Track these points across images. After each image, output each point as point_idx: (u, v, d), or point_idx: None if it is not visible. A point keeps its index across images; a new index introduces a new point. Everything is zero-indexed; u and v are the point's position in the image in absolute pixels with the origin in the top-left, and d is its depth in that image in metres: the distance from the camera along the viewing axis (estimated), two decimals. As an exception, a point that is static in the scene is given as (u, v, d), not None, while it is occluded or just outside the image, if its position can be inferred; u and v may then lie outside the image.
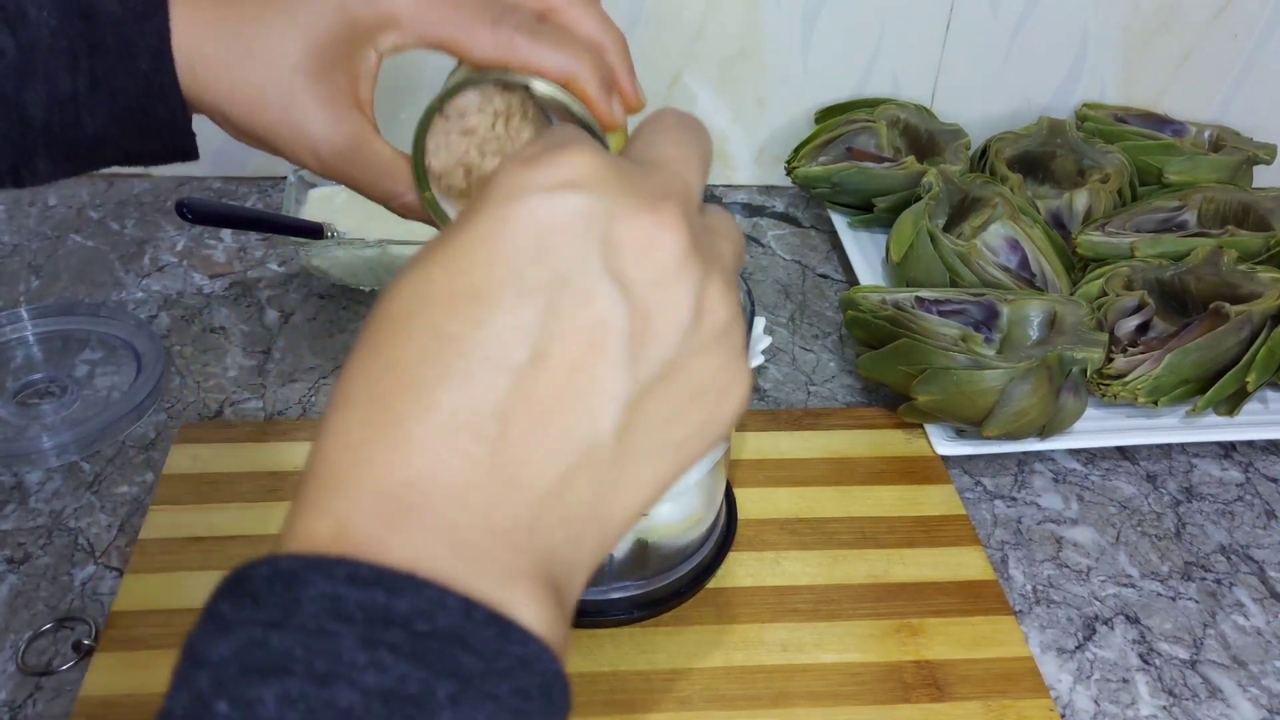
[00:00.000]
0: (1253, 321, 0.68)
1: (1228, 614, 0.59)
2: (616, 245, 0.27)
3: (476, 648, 0.24)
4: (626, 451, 0.27)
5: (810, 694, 0.53)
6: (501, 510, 0.26)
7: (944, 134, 0.88)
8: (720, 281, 0.29)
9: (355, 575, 0.24)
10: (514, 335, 0.26)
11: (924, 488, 0.65)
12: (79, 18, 0.45)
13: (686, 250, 0.28)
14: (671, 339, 0.27)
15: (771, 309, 0.81)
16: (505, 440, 0.26)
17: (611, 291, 0.27)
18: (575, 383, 0.26)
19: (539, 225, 0.27)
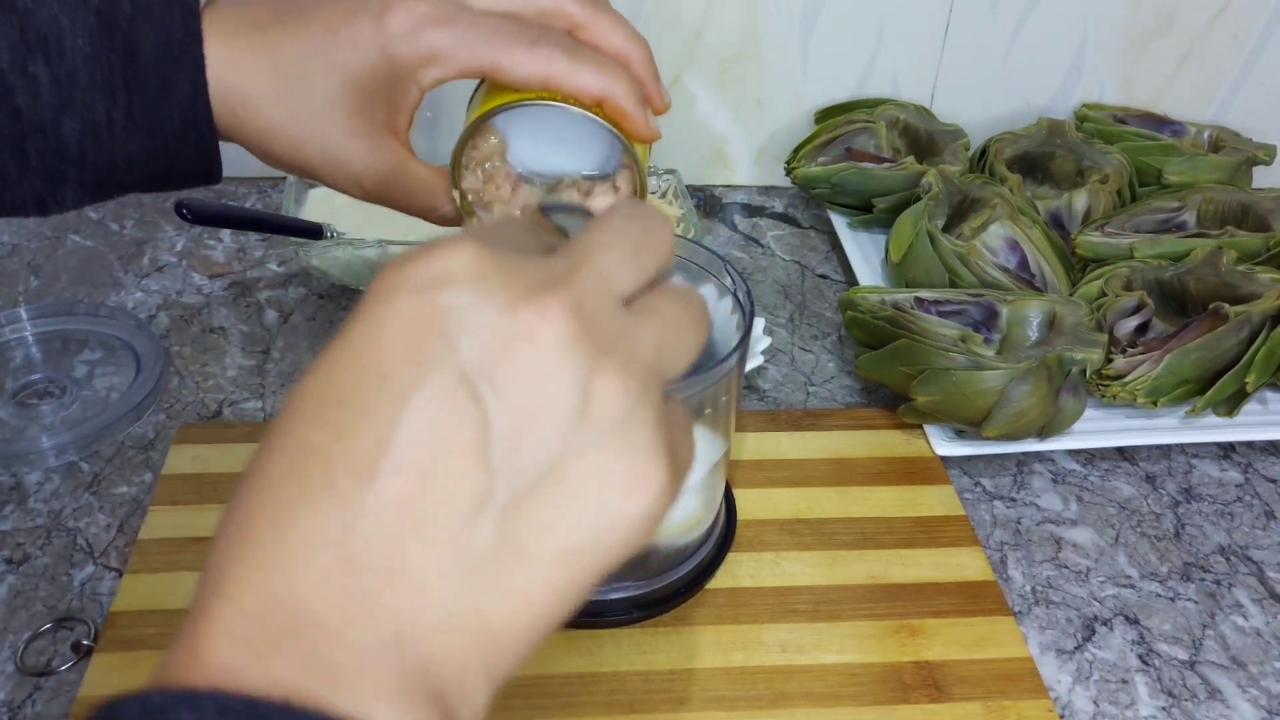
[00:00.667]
0: (1252, 322, 0.68)
1: (1227, 615, 0.59)
2: (484, 341, 0.26)
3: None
4: (506, 560, 0.25)
5: (809, 695, 0.53)
6: (362, 627, 0.24)
7: (943, 134, 0.88)
8: (616, 371, 0.26)
9: (226, 708, 0.22)
10: (374, 444, 0.25)
11: (923, 488, 0.65)
12: (118, 51, 0.45)
13: (567, 340, 0.26)
14: (546, 436, 0.26)
15: (771, 309, 0.81)
16: (365, 554, 0.25)
17: (473, 390, 0.25)
18: (438, 490, 0.25)
19: (405, 325, 0.26)
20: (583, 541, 0.26)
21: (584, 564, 0.26)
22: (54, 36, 0.44)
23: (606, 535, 0.26)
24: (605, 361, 0.26)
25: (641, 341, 0.28)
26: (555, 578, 0.26)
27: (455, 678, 0.25)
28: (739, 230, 0.90)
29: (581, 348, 0.26)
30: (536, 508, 0.26)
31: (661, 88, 0.48)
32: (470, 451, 0.25)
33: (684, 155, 0.93)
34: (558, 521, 0.26)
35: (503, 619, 0.26)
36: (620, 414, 0.26)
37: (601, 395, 0.26)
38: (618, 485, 0.26)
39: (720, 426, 0.54)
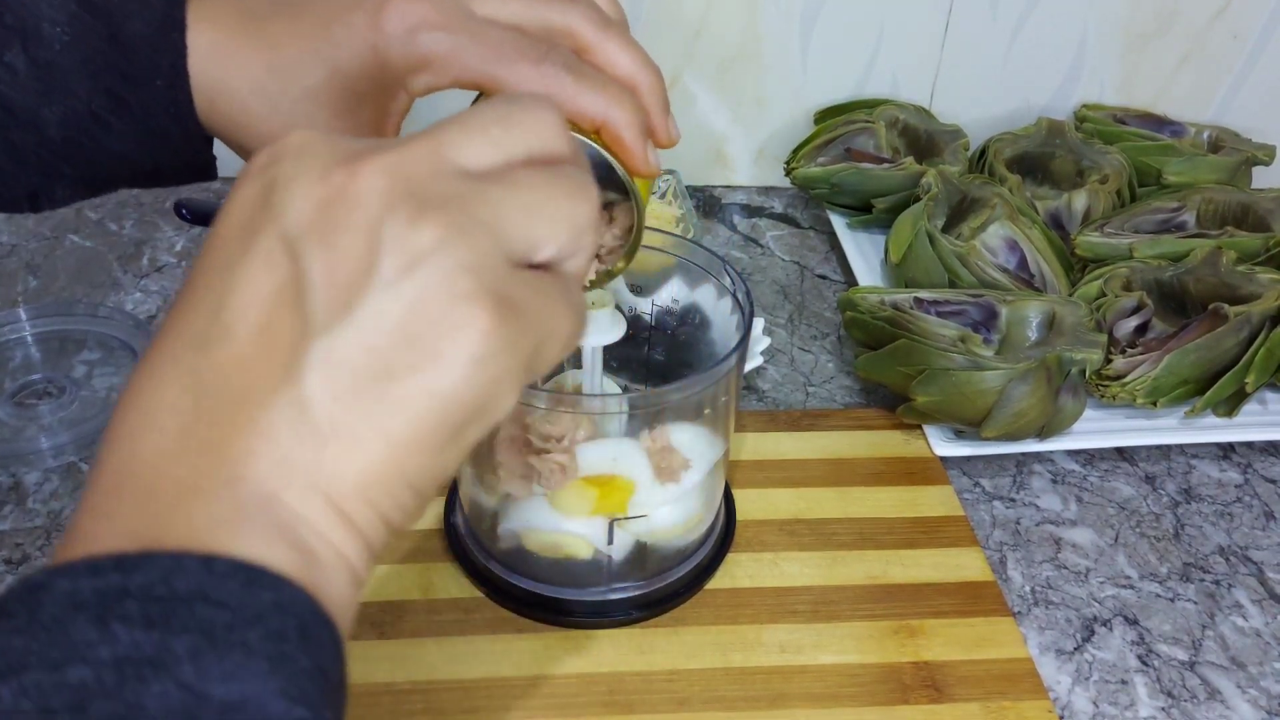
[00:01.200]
0: (1251, 322, 0.68)
1: (1226, 615, 0.59)
2: (300, 204, 0.27)
3: (220, 600, 0.24)
4: (332, 404, 0.27)
5: (809, 695, 0.53)
6: (200, 472, 0.26)
7: (943, 135, 0.88)
8: (435, 222, 0.27)
9: (94, 567, 0.24)
10: (207, 314, 0.27)
11: (923, 489, 0.65)
12: (100, 38, 0.44)
13: (379, 197, 0.27)
14: (362, 284, 0.27)
15: (770, 310, 0.81)
16: (200, 409, 0.27)
17: (291, 249, 0.27)
18: (264, 345, 0.27)
19: (243, 203, 0.28)
20: (407, 387, 0.27)
21: (415, 408, 0.27)
22: (33, 22, 0.43)
23: (432, 378, 0.27)
24: (423, 213, 0.27)
25: (480, 202, 0.28)
26: (391, 425, 0.27)
27: (298, 515, 0.27)
28: (738, 230, 0.90)
29: (395, 202, 0.27)
30: (358, 353, 0.27)
31: (670, 120, 0.46)
32: (288, 306, 0.27)
33: (683, 155, 0.93)
34: (377, 365, 0.27)
35: (337, 459, 0.27)
36: (437, 261, 0.27)
37: (416, 244, 0.27)
38: (436, 328, 0.27)
39: (719, 427, 0.54)
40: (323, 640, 0.26)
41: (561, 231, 0.30)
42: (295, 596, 0.25)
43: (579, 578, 0.55)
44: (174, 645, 0.23)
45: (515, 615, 0.56)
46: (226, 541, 0.25)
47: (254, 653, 0.24)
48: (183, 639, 0.24)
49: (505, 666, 0.53)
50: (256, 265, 0.27)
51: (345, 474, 0.27)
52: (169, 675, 0.23)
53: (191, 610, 0.24)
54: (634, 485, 0.52)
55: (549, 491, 0.52)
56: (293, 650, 0.25)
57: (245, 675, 0.24)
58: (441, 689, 0.52)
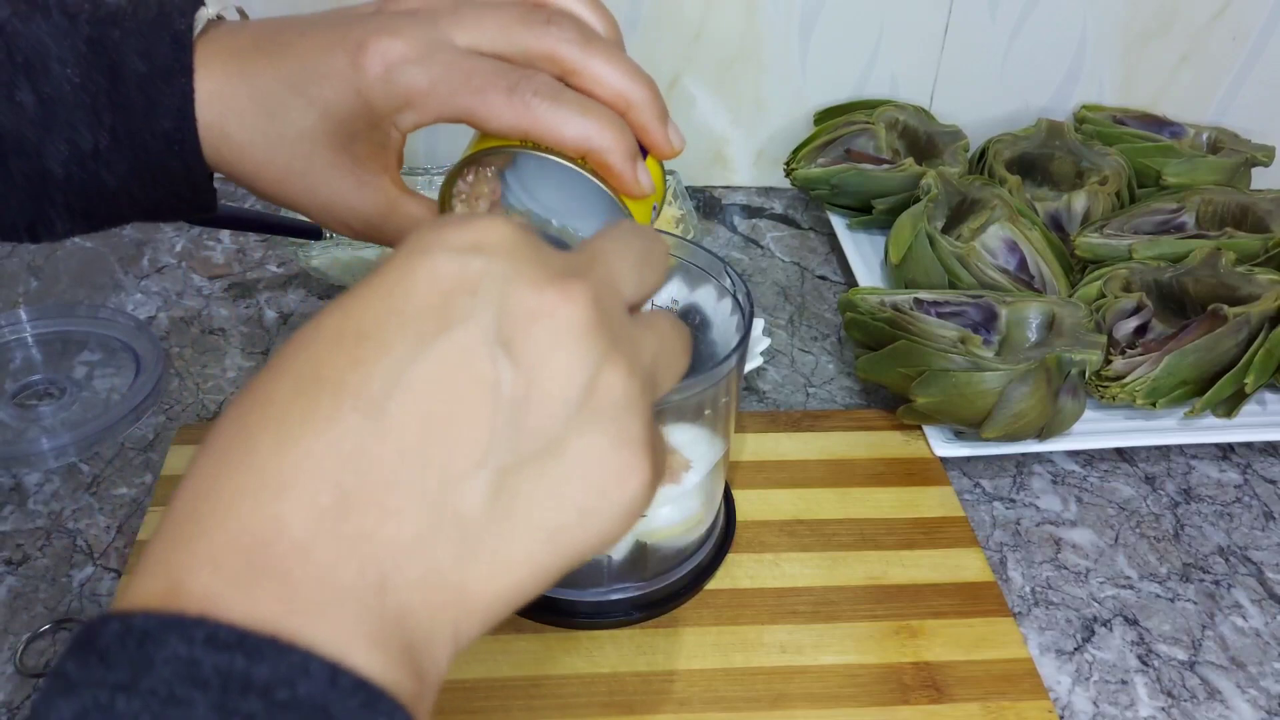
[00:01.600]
0: (1251, 323, 0.68)
1: (1226, 615, 0.59)
2: (511, 310, 0.26)
3: (341, 717, 0.23)
4: (493, 524, 0.26)
5: (809, 695, 0.53)
6: (348, 567, 0.24)
7: (942, 136, 0.88)
8: (623, 365, 0.28)
9: (214, 637, 0.22)
10: (387, 380, 0.25)
11: (923, 489, 0.65)
12: (104, 74, 0.45)
13: (586, 326, 0.27)
14: (552, 411, 0.26)
15: (770, 311, 0.81)
16: (361, 491, 0.25)
17: (493, 353, 0.26)
18: (442, 440, 0.25)
19: (438, 280, 0.27)
20: (568, 520, 0.27)
21: (565, 543, 0.27)
22: (40, 60, 0.44)
23: (591, 518, 0.27)
24: (615, 353, 0.27)
25: (642, 346, 0.29)
26: (536, 551, 0.26)
27: (426, 634, 0.25)
28: (738, 231, 0.90)
29: (596, 335, 0.27)
30: (530, 479, 0.26)
31: (671, 129, 0.45)
32: (479, 410, 0.26)
33: (683, 156, 0.92)
34: (548, 495, 0.26)
35: (480, 583, 0.26)
36: (622, 404, 0.27)
37: (607, 383, 0.27)
38: (609, 471, 0.27)
39: (720, 427, 0.54)
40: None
41: (674, 381, 0.31)
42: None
43: (579, 578, 0.55)
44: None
45: (515, 616, 0.56)
46: (360, 651, 0.24)
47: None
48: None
49: (505, 667, 0.53)
50: (453, 354, 0.26)
51: (482, 597, 0.26)
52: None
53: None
54: (634, 486, 0.52)
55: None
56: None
57: None
58: (441, 690, 0.52)
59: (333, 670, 0.23)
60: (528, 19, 0.43)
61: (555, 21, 0.43)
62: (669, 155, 0.45)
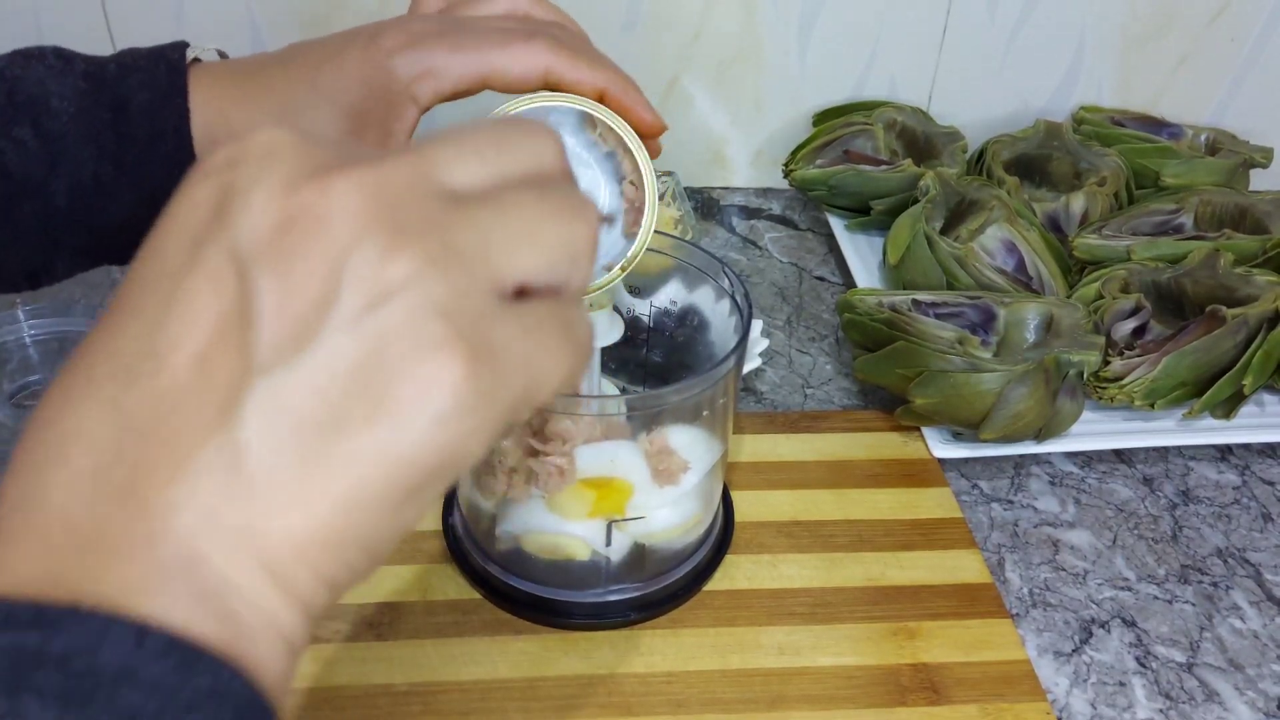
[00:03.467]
0: (1249, 324, 0.68)
1: (1224, 617, 0.59)
2: (258, 219, 0.24)
3: (150, 682, 0.21)
4: (269, 456, 0.23)
5: (807, 697, 0.53)
6: (115, 522, 0.23)
7: (941, 137, 0.88)
8: (412, 254, 0.24)
9: (10, 616, 0.21)
10: (137, 338, 0.24)
11: (921, 490, 0.65)
12: (105, 106, 0.45)
13: (348, 218, 0.23)
14: (315, 321, 0.23)
15: (769, 312, 0.81)
16: (121, 451, 0.23)
17: (239, 271, 0.23)
18: (195, 381, 0.23)
19: (191, 206, 0.25)
20: (357, 439, 0.23)
21: (365, 464, 0.24)
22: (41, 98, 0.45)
23: (386, 437, 0.24)
24: (395, 243, 0.24)
25: (464, 228, 0.25)
26: (336, 485, 0.24)
27: (225, 579, 0.23)
28: (737, 232, 0.90)
29: (367, 226, 0.24)
30: (305, 400, 0.23)
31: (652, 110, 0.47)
32: (231, 337, 0.23)
33: (682, 157, 0.93)
34: (327, 416, 0.23)
35: (274, 524, 0.23)
36: (408, 300, 0.24)
37: (385, 276, 0.24)
38: (397, 384, 0.23)
39: (718, 428, 0.54)
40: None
41: (556, 257, 0.27)
42: (232, 681, 0.22)
43: (577, 579, 0.55)
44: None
45: (513, 617, 0.56)
46: (144, 608, 0.22)
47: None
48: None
49: (503, 668, 0.53)
50: (200, 285, 0.23)
51: (281, 535, 0.23)
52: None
53: (115, 692, 0.21)
54: (632, 487, 0.52)
55: (547, 494, 0.52)
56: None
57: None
58: (439, 690, 0.52)
59: (139, 632, 0.21)
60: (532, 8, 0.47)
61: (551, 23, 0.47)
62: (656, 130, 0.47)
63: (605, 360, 0.57)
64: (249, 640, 0.23)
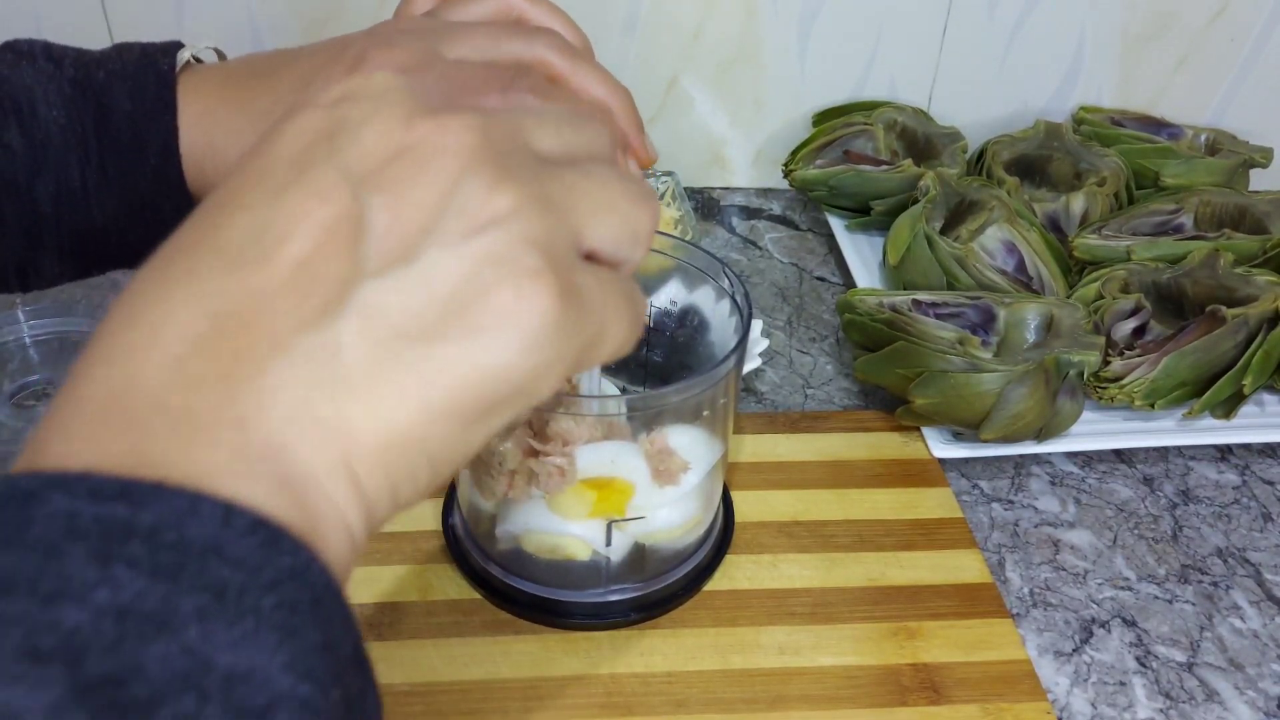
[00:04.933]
0: (1249, 324, 0.68)
1: (1224, 617, 0.59)
2: (372, 145, 0.26)
3: (236, 558, 0.22)
4: (366, 356, 0.25)
5: (807, 697, 0.53)
6: (207, 410, 0.23)
7: (941, 137, 0.88)
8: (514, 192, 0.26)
9: (97, 490, 0.22)
10: (241, 234, 0.25)
11: (921, 490, 0.65)
12: (90, 113, 0.46)
13: (462, 153, 0.26)
14: (422, 240, 0.25)
15: (769, 312, 0.81)
16: (218, 340, 0.24)
17: (352, 188, 0.25)
18: (303, 278, 0.24)
19: (302, 134, 0.26)
20: (450, 349, 0.25)
21: (454, 375, 0.25)
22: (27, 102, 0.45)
23: (478, 348, 0.25)
24: (505, 181, 0.26)
25: (557, 183, 0.27)
26: (420, 382, 0.25)
27: (308, 469, 0.24)
28: (737, 232, 0.90)
29: (478, 162, 0.26)
30: (407, 307, 0.25)
31: (646, 140, 0.46)
32: (341, 243, 0.25)
33: (682, 157, 0.93)
34: (424, 325, 0.25)
35: (362, 418, 0.25)
36: (512, 232, 0.25)
37: (491, 208, 0.25)
38: (494, 297, 0.25)
39: (718, 429, 0.54)
40: (332, 613, 0.24)
41: (625, 230, 0.29)
42: (311, 564, 0.23)
43: (577, 579, 0.55)
44: (181, 603, 0.21)
45: (513, 617, 0.56)
46: (232, 487, 0.23)
47: (265, 622, 0.22)
48: (191, 597, 0.21)
49: (503, 668, 0.53)
50: (311, 195, 0.25)
51: (367, 432, 0.25)
52: (173, 636, 0.21)
53: (204, 565, 0.22)
54: (632, 487, 0.52)
55: (547, 494, 0.52)
56: (304, 623, 0.23)
57: (253, 646, 0.22)
58: (439, 691, 0.52)
59: (225, 510, 0.22)
60: (514, 32, 0.45)
61: (540, 33, 0.45)
62: (645, 164, 0.47)
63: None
64: (323, 531, 0.24)
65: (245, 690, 0.21)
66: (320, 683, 0.23)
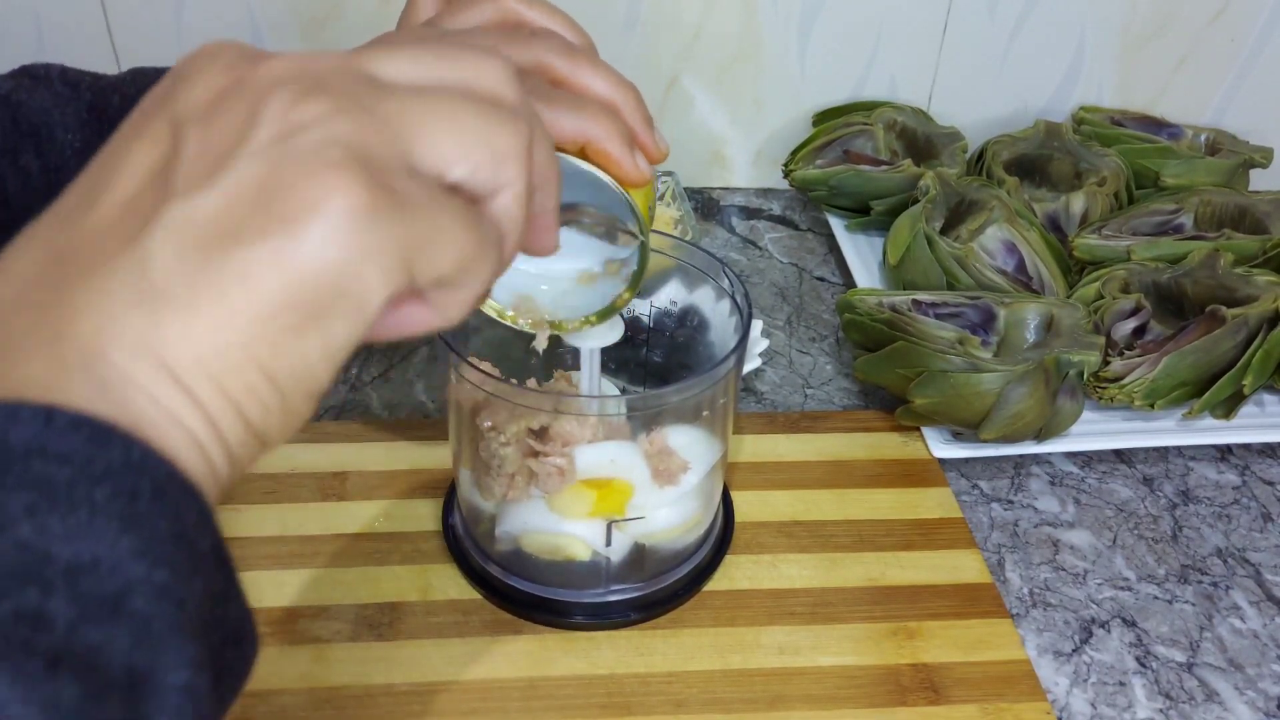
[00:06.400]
0: (1249, 324, 0.68)
1: (1224, 617, 0.59)
2: (199, 91, 0.27)
3: (61, 454, 0.23)
4: (173, 267, 0.25)
5: (807, 697, 0.53)
6: (31, 328, 0.25)
7: (941, 137, 0.88)
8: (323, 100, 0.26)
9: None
10: (86, 185, 0.27)
11: (921, 490, 0.65)
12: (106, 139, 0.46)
13: (270, 81, 0.27)
14: (220, 153, 0.26)
15: (769, 312, 0.81)
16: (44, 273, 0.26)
17: (175, 129, 0.27)
18: (122, 215, 0.26)
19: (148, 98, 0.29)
20: (254, 250, 0.25)
21: (260, 280, 0.25)
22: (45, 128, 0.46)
23: (279, 246, 0.25)
24: (309, 93, 0.26)
25: (380, 98, 0.27)
26: (230, 292, 0.25)
27: (125, 373, 0.25)
28: (737, 232, 0.90)
29: (288, 85, 0.27)
30: (208, 216, 0.25)
31: (655, 134, 0.46)
32: (156, 178, 0.26)
33: (682, 157, 0.93)
34: (227, 228, 0.25)
35: (175, 329, 0.25)
36: (315, 134, 0.26)
37: (296, 115, 0.26)
38: (292, 198, 0.25)
39: (718, 429, 0.54)
40: (182, 505, 0.24)
41: (475, 152, 0.28)
42: (148, 457, 0.24)
43: (577, 579, 0.55)
44: (7, 502, 0.22)
45: (513, 617, 0.56)
46: (49, 398, 0.23)
47: (101, 511, 0.22)
48: (17, 495, 0.22)
49: (503, 668, 0.53)
50: (140, 146, 0.27)
51: (181, 340, 0.25)
52: (4, 533, 0.21)
53: (28, 465, 0.22)
54: (632, 487, 0.52)
55: (547, 494, 0.52)
56: (147, 511, 0.23)
57: (92, 535, 0.22)
58: (439, 690, 0.52)
59: (47, 412, 0.23)
60: (513, 36, 0.45)
61: (540, 36, 0.45)
62: (657, 159, 0.46)
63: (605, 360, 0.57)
64: (159, 434, 0.25)
65: (92, 579, 0.22)
66: (177, 570, 0.23)
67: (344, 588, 0.56)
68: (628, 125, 0.44)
